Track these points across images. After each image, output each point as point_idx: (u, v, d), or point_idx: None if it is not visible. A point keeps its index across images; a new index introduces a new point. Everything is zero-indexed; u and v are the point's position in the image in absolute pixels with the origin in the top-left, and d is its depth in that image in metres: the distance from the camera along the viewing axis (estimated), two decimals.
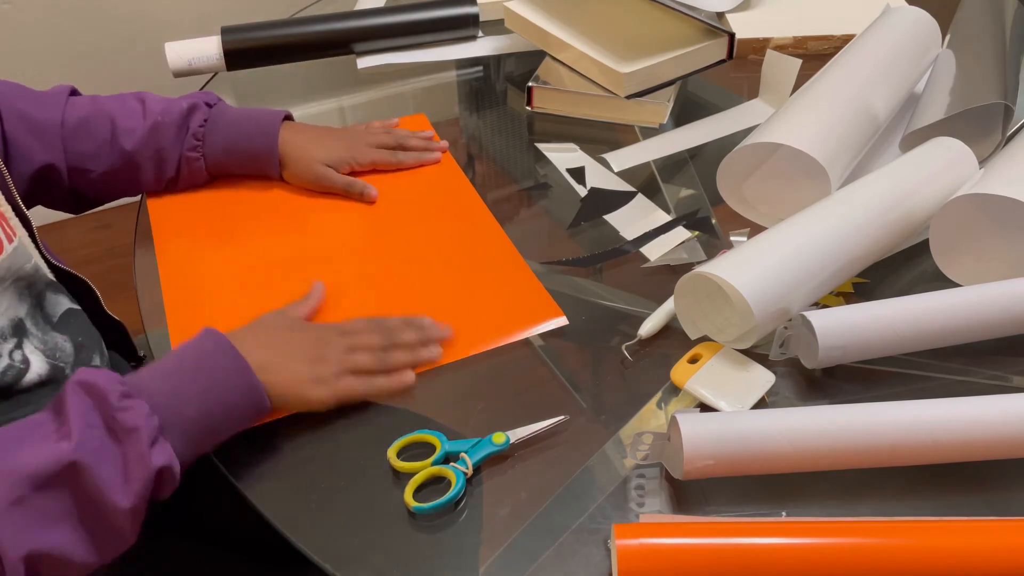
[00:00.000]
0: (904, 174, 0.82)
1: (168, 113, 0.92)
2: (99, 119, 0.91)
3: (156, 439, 0.62)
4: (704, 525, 0.61)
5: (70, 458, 0.58)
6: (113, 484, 0.60)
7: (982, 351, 0.76)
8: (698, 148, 1.02)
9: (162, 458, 0.61)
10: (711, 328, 0.76)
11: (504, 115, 1.11)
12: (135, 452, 0.60)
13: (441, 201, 0.95)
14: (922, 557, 0.58)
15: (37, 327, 0.78)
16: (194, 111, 0.93)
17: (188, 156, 0.92)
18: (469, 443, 0.69)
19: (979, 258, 0.82)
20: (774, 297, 0.72)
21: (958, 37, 1.01)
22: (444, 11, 1.18)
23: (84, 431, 0.60)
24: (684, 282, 0.75)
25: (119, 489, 0.60)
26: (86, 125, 0.90)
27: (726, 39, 1.05)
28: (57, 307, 0.81)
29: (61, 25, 1.91)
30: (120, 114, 0.91)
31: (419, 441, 0.70)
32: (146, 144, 0.91)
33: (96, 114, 0.91)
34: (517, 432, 0.70)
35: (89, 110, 0.91)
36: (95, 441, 0.60)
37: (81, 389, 0.62)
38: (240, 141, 0.93)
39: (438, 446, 0.69)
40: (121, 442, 0.61)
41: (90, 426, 0.60)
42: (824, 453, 0.65)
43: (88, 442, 0.59)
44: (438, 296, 0.83)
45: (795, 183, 0.90)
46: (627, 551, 0.58)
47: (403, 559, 0.63)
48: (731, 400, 0.71)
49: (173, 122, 0.91)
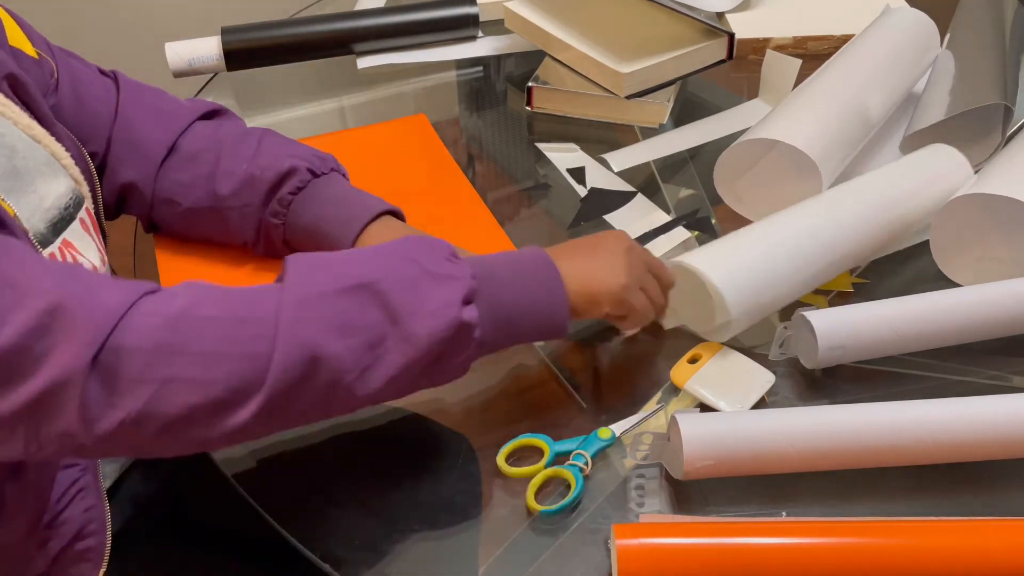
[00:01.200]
0: (893, 178, 0.82)
1: (268, 169, 0.82)
2: (209, 153, 0.84)
3: (470, 300, 0.61)
4: (704, 525, 0.61)
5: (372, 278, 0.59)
6: (418, 312, 0.59)
7: (982, 351, 0.76)
8: (698, 148, 1.02)
9: (470, 314, 0.61)
10: (688, 318, 0.77)
11: (504, 115, 1.11)
12: (447, 297, 0.60)
13: (422, 177, 0.97)
14: (922, 557, 0.59)
15: None
16: (291, 175, 0.82)
17: (269, 222, 0.82)
18: (575, 442, 0.69)
19: (979, 258, 0.82)
20: (751, 290, 0.72)
21: (958, 37, 1.01)
22: (444, 11, 1.18)
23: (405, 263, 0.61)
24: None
25: (423, 318, 0.59)
26: (195, 157, 0.84)
27: (726, 39, 1.05)
28: None
29: (61, 25, 1.91)
30: (229, 152, 0.84)
31: (523, 446, 0.69)
32: (235, 194, 0.82)
33: (211, 146, 0.84)
34: (620, 425, 0.70)
35: (207, 142, 0.85)
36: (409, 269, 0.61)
37: (418, 240, 0.64)
38: (322, 222, 0.81)
39: (546, 448, 0.68)
40: (438, 283, 0.60)
41: (413, 260, 0.61)
42: (824, 453, 0.65)
43: (398, 268, 0.60)
44: None
45: (788, 180, 0.90)
46: (627, 551, 0.58)
47: (403, 559, 0.63)
48: (731, 400, 0.71)
49: (267, 180, 0.82)
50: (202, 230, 0.86)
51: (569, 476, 0.66)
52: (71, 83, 0.82)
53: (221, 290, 0.59)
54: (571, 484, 0.66)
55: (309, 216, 0.82)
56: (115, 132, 0.83)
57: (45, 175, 0.70)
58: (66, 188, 0.72)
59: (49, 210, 0.69)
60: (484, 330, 0.62)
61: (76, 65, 0.84)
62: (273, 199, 0.82)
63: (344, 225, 0.80)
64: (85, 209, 0.74)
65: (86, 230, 0.73)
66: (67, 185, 0.72)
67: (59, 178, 0.72)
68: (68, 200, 0.72)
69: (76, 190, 0.73)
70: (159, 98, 0.87)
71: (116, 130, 0.83)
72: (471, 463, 0.70)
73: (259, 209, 0.82)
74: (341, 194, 0.83)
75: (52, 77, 0.80)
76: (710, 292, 0.72)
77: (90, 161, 0.79)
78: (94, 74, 0.86)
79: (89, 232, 0.74)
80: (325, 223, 0.81)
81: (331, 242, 0.80)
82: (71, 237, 0.71)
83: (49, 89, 0.80)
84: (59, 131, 0.75)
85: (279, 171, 0.82)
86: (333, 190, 0.83)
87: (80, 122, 0.81)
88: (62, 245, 0.70)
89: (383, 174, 0.97)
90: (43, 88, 0.79)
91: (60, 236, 0.70)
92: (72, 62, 0.84)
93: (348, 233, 0.80)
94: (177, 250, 0.89)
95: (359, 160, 0.92)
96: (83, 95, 0.82)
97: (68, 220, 0.71)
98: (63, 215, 0.71)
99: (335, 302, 0.58)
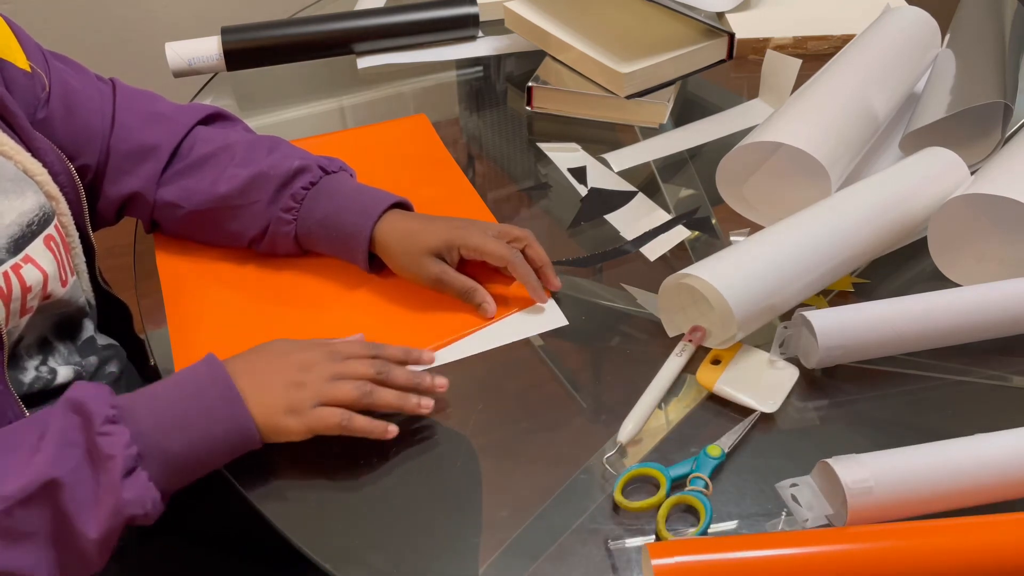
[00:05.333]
0: (891, 182, 0.82)
1: (277, 166, 0.83)
2: (218, 159, 0.84)
3: (133, 469, 0.60)
4: (736, 539, 0.60)
5: (49, 475, 0.58)
6: (84, 508, 0.59)
7: (982, 351, 0.76)
8: (698, 148, 1.02)
9: (133, 490, 0.60)
10: (689, 327, 0.77)
11: (504, 115, 1.11)
12: (107, 480, 0.59)
13: (422, 177, 0.97)
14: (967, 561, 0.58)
15: (64, 345, 0.79)
16: (303, 172, 0.83)
17: (280, 217, 0.83)
18: (687, 464, 0.67)
19: (979, 258, 0.82)
20: (755, 306, 0.72)
21: (958, 37, 1.01)
22: (444, 11, 1.18)
23: (63, 450, 0.59)
24: (668, 285, 0.75)
25: (89, 514, 0.59)
26: (203, 162, 0.84)
27: (726, 39, 1.05)
28: (83, 331, 0.82)
29: (61, 25, 1.91)
30: (242, 158, 0.84)
31: (636, 476, 0.67)
32: (241, 192, 0.83)
33: (220, 152, 0.85)
34: (725, 440, 0.68)
35: (214, 147, 0.85)
36: (72, 461, 0.59)
37: (70, 408, 0.61)
38: (335, 215, 0.82)
39: (661, 477, 0.66)
40: (96, 468, 0.60)
41: (70, 445, 0.60)
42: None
43: (66, 461, 0.59)
44: None
45: (795, 183, 0.90)
46: (664, 571, 0.57)
47: (403, 559, 0.63)
48: (763, 398, 0.71)
49: (277, 176, 0.82)
50: (204, 231, 0.87)
51: (696, 503, 0.64)
52: (63, 95, 0.82)
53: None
54: (699, 509, 0.64)
55: (323, 210, 0.82)
56: (113, 141, 0.84)
57: (7, 192, 0.71)
58: (33, 204, 0.73)
59: (9, 227, 0.70)
60: (166, 484, 0.63)
61: (70, 76, 0.84)
62: (284, 195, 0.82)
63: (361, 215, 0.81)
64: (54, 226, 0.75)
65: (50, 247, 0.74)
66: (35, 201, 0.73)
67: (26, 194, 0.72)
68: (33, 217, 0.72)
69: (46, 206, 0.74)
70: (157, 104, 0.87)
71: (115, 139, 0.84)
72: (471, 463, 0.70)
73: (267, 207, 0.83)
74: (354, 188, 0.84)
75: (44, 91, 0.80)
76: (716, 308, 0.73)
77: (75, 175, 0.79)
78: (90, 83, 0.85)
79: (54, 249, 0.74)
80: (341, 215, 0.82)
81: (347, 233, 0.82)
82: (33, 253, 0.72)
83: (40, 102, 0.80)
84: (40, 145, 0.76)
85: (289, 168, 0.82)
86: (346, 185, 0.84)
87: (72, 135, 0.82)
88: (22, 260, 0.70)
89: (383, 174, 0.97)
90: (33, 101, 0.79)
91: (23, 251, 0.70)
92: (66, 73, 0.84)
93: (366, 223, 0.81)
94: (177, 250, 0.89)
95: (360, 160, 0.93)
96: (75, 107, 0.82)
97: (31, 236, 0.72)
98: (25, 232, 0.71)
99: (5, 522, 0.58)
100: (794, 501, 0.63)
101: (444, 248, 0.79)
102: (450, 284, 0.80)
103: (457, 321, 0.80)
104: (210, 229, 0.86)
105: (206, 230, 0.86)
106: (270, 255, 0.86)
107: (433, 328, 0.80)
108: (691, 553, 0.58)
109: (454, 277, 0.80)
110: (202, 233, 0.87)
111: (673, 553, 0.58)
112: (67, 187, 0.78)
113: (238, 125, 0.91)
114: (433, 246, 0.79)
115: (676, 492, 0.65)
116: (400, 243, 0.80)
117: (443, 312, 0.81)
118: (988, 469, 0.62)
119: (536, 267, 0.81)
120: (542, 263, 0.82)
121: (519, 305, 0.81)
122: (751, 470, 0.68)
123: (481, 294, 0.80)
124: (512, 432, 0.72)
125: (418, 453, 0.70)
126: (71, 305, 0.79)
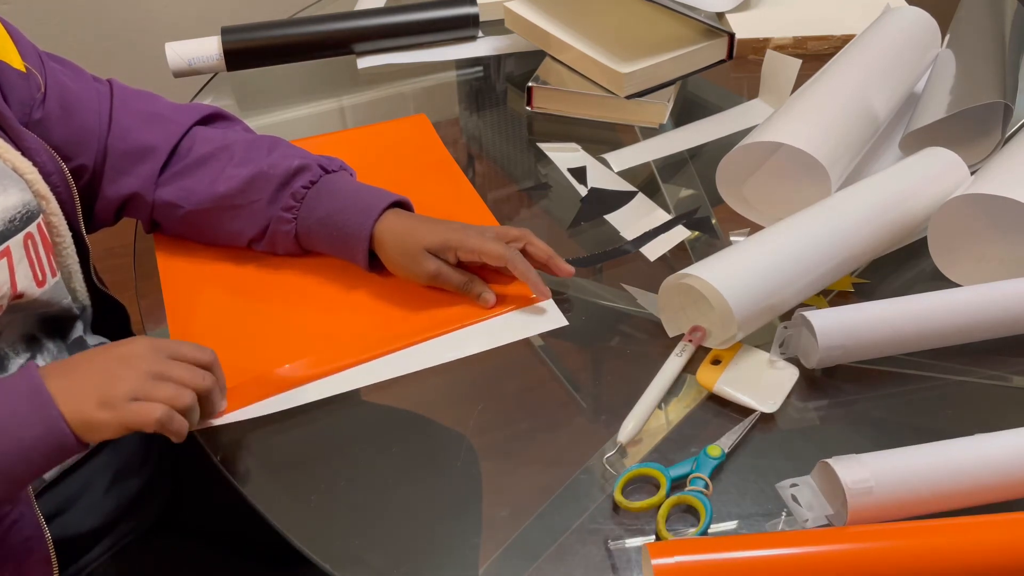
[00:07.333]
0: (891, 183, 0.82)
1: (277, 166, 0.83)
2: (218, 159, 0.84)
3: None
4: (736, 539, 0.60)
5: None
6: None
7: (982, 351, 0.75)
8: (698, 148, 1.02)
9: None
10: (690, 327, 0.77)
11: (504, 115, 1.11)
12: None
13: (422, 177, 0.98)
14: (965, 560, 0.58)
15: (53, 342, 0.79)
16: (303, 171, 0.83)
17: (280, 216, 0.83)
18: (687, 465, 0.67)
19: (978, 258, 0.82)
20: (755, 306, 0.72)
21: (958, 37, 1.01)
22: (444, 11, 1.18)
23: None
24: (668, 285, 0.75)
25: None
26: (203, 162, 0.84)
27: (726, 39, 1.05)
28: (72, 331, 0.82)
29: (61, 25, 1.91)
30: (241, 158, 0.84)
31: (636, 476, 0.67)
32: (241, 192, 0.83)
33: (220, 152, 0.84)
34: (725, 440, 0.68)
35: (214, 147, 0.85)
36: None
37: None
38: (335, 214, 0.82)
39: (661, 477, 0.66)
40: None
41: None
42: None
43: None
44: None
45: (795, 182, 0.90)
46: (664, 571, 0.57)
47: (403, 559, 0.63)
48: (763, 398, 0.71)
49: (277, 175, 0.82)
50: (204, 231, 0.87)
51: (696, 503, 0.64)
52: (59, 96, 0.82)
53: None
54: (699, 509, 0.64)
55: (323, 209, 0.83)
56: (111, 142, 0.84)
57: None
58: (16, 201, 0.72)
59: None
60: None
61: (66, 77, 0.84)
62: (284, 194, 0.83)
63: (361, 214, 0.81)
64: (37, 225, 0.74)
65: (29, 245, 0.73)
66: (19, 199, 0.73)
67: (9, 191, 0.72)
68: (15, 214, 0.72)
69: (31, 204, 0.74)
70: (155, 104, 0.87)
71: (112, 139, 0.84)
72: (471, 463, 0.70)
73: (267, 206, 0.83)
74: (354, 187, 0.85)
75: (39, 91, 0.80)
76: (716, 308, 0.73)
77: (68, 175, 0.79)
78: (86, 83, 0.85)
79: (31, 249, 0.74)
80: (341, 214, 0.82)
81: (347, 232, 0.81)
82: (11, 249, 0.71)
83: (35, 103, 0.80)
84: (30, 145, 0.76)
85: (289, 167, 0.83)
86: (346, 184, 0.85)
87: (68, 135, 0.81)
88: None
89: (383, 174, 0.97)
90: (28, 101, 0.79)
91: (2, 245, 0.70)
92: (62, 74, 0.83)
93: (366, 222, 0.81)
94: (177, 250, 0.89)
95: (360, 160, 0.93)
96: (71, 107, 0.82)
97: (10, 233, 0.71)
98: (6, 228, 0.71)
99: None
100: (794, 501, 0.63)
101: (441, 247, 0.80)
102: (448, 277, 0.80)
103: (457, 313, 0.81)
104: (210, 229, 0.86)
105: (206, 230, 0.86)
106: (270, 254, 0.86)
107: (432, 321, 0.80)
108: (691, 553, 0.58)
109: (451, 270, 0.80)
110: (202, 233, 0.87)
111: (673, 553, 0.58)
112: (59, 187, 0.77)
113: (237, 125, 0.91)
114: (430, 244, 0.80)
115: (676, 492, 0.65)
116: (397, 241, 0.81)
117: (442, 308, 0.81)
118: (988, 469, 0.62)
119: (542, 261, 0.81)
120: (547, 256, 0.81)
121: (519, 303, 0.81)
122: (751, 470, 0.68)
123: (480, 284, 0.81)
124: (512, 432, 0.72)
125: (418, 453, 0.71)
126: (52, 305, 0.78)
